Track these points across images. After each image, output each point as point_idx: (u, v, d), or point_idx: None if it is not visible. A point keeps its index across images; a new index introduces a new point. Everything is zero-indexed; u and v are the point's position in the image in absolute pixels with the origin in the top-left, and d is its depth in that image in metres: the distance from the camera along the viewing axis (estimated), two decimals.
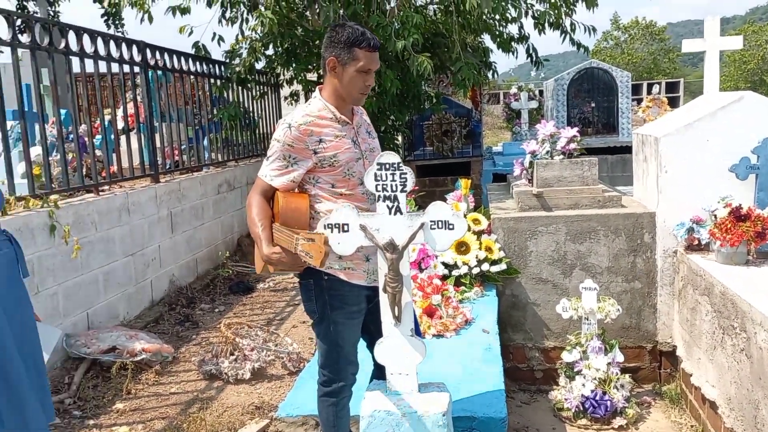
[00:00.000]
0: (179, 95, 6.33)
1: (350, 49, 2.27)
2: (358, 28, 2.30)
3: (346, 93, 2.34)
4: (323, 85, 2.39)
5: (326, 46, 2.33)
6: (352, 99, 2.36)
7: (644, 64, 34.08)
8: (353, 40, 2.27)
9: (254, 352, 3.85)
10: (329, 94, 2.36)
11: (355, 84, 2.31)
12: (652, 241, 4.28)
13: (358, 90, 2.33)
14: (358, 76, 2.30)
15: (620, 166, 9.29)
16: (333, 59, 2.30)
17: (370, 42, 2.28)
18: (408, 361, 2.21)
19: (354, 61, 2.28)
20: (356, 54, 2.27)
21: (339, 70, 2.31)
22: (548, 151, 4.63)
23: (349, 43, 2.27)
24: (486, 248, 4.35)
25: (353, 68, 2.28)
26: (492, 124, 18.79)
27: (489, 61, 6.80)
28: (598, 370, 3.91)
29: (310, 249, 2.11)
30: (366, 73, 2.31)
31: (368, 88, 2.36)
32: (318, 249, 2.08)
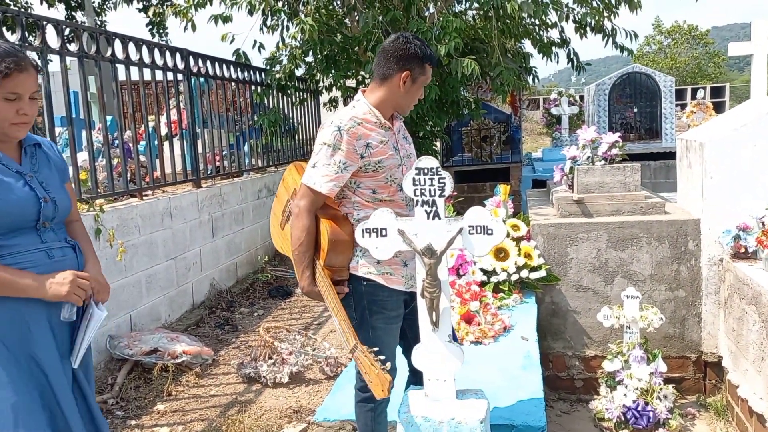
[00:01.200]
0: (221, 102, 6.45)
1: (423, 64, 2.31)
2: (423, 42, 2.35)
3: (405, 104, 2.38)
4: (369, 89, 2.39)
5: (399, 58, 2.30)
6: (403, 110, 2.42)
7: (688, 69, 33.31)
8: (425, 56, 2.31)
9: (292, 356, 3.88)
10: (378, 100, 2.34)
11: (412, 96, 2.37)
12: (696, 249, 4.17)
13: (413, 103, 2.41)
14: (420, 91, 2.37)
15: (664, 172, 9.10)
16: (408, 73, 2.31)
17: (433, 59, 2.35)
18: (446, 368, 2.19)
19: (423, 76, 2.34)
20: (426, 69, 2.33)
21: (408, 84, 2.32)
22: (589, 157, 4.56)
23: (422, 57, 2.31)
24: (525, 255, 4.30)
25: (420, 83, 2.34)
26: (531, 129, 18.60)
27: (529, 66, 6.74)
28: (640, 380, 3.82)
29: (369, 371, 2.07)
30: (422, 88, 2.39)
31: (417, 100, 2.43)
32: (382, 381, 2.03)
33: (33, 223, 1.97)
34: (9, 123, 1.92)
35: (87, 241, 2.21)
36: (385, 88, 2.35)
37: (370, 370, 2.06)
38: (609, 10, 6.13)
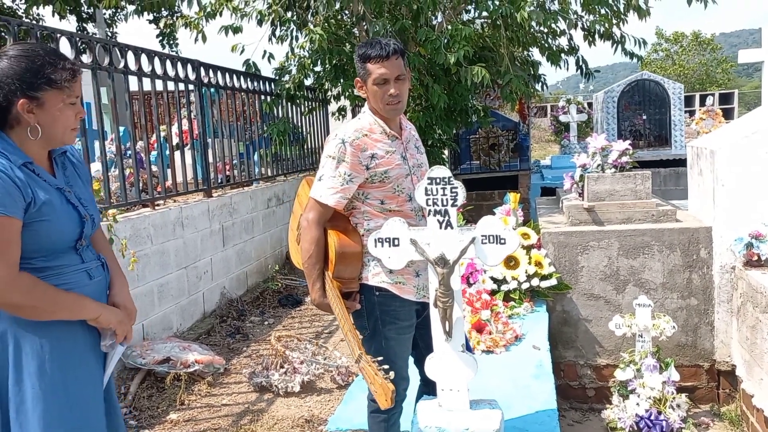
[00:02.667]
0: (231, 111, 6.49)
1: (363, 65, 2.30)
2: (370, 41, 2.32)
3: (376, 107, 2.34)
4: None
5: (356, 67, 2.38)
6: (384, 112, 2.33)
7: (696, 76, 33.22)
8: (363, 56, 2.29)
9: (304, 365, 3.88)
10: (373, 109, 2.38)
11: (377, 97, 2.30)
12: (708, 257, 4.15)
13: (383, 102, 2.30)
14: (378, 89, 2.29)
15: (673, 180, 9.06)
16: (357, 80, 2.36)
17: (378, 52, 2.26)
18: (459, 377, 2.19)
19: (369, 76, 2.29)
20: (368, 68, 2.28)
21: (364, 88, 2.34)
22: (599, 165, 4.55)
23: (361, 59, 2.30)
24: (536, 263, 4.30)
25: (370, 82, 2.29)
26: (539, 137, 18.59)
27: (538, 74, 6.75)
28: (652, 389, 3.80)
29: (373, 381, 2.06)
30: (384, 84, 2.28)
31: (394, 97, 2.30)
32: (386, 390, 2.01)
33: (73, 243, 1.87)
34: (70, 129, 1.83)
35: (113, 257, 2.09)
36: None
37: (374, 379, 2.06)
38: (618, 18, 6.14)
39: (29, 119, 1.75)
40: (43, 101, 1.75)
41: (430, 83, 5.80)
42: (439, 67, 5.87)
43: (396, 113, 2.37)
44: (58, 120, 1.79)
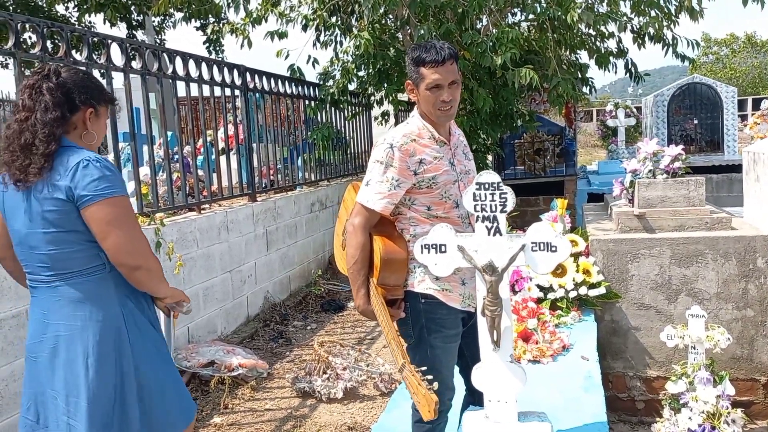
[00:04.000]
0: (275, 116, 6.55)
1: (417, 69, 2.26)
2: (424, 45, 2.27)
3: (427, 112, 2.31)
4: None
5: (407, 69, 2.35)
6: (435, 117, 2.30)
7: (748, 79, 32.14)
8: (417, 60, 2.25)
9: (346, 371, 3.86)
10: (422, 114, 2.34)
11: (429, 102, 2.27)
12: (765, 266, 3.99)
13: (435, 107, 2.27)
14: (431, 94, 2.25)
15: (726, 186, 8.76)
16: (409, 83, 2.32)
17: (433, 57, 2.23)
18: (507, 389, 2.14)
19: (422, 80, 2.25)
20: (422, 73, 2.25)
21: (415, 92, 2.30)
22: (650, 170, 4.42)
23: (414, 63, 2.26)
24: (584, 271, 4.19)
25: (423, 87, 2.26)
26: (585, 142, 18.25)
27: (586, 77, 6.61)
28: (706, 403, 3.65)
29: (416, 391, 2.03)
30: (437, 89, 2.24)
31: (446, 104, 2.27)
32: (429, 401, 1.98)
33: None
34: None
35: None
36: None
37: (418, 390, 2.02)
38: (669, 19, 5.97)
39: (88, 126, 2.04)
40: (100, 113, 2.08)
41: (475, 87, 5.74)
42: (485, 70, 5.80)
43: (448, 119, 2.34)
44: (103, 131, 2.14)
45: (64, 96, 1.95)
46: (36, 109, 1.91)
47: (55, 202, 1.90)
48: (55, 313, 1.97)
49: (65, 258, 1.95)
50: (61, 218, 1.91)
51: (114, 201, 1.92)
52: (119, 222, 1.93)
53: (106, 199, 1.91)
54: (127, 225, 1.96)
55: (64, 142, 1.95)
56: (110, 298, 2.00)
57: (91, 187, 1.89)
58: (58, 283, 1.96)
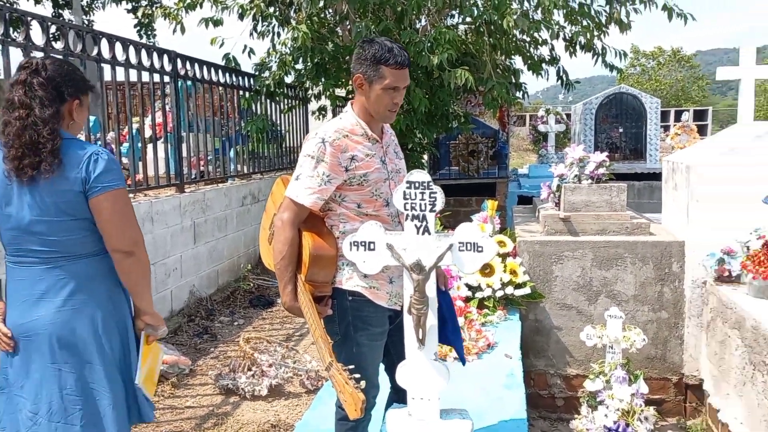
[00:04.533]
0: (207, 106, 6.38)
1: (377, 66, 2.21)
2: (386, 44, 2.23)
3: (373, 110, 2.29)
4: (354, 100, 2.35)
5: (354, 62, 2.29)
6: (380, 116, 2.30)
7: (672, 92, 33.77)
8: (380, 57, 2.20)
9: (272, 369, 3.80)
10: (359, 110, 2.31)
11: (381, 102, 2.25)
12: (680, 271, 4.18)
13: (385, 107, 2.27)
14: (385, 94, 2.24)
15: (647, 193, 9.16)
16: (360, 76, 2.25)
17: (397, 59, 2.21)
18: (431, 386, 2.15)
19: (380, 78, 2.22)
20: (382, 71, 2.21)
21: (366, 88, 2.26)
22: (576, 175, 4.56)
23: (375, 60, 2.21)
24: (511, 271, 4.28)
25: (379, 86, 2.22)
26: (518, 146, 18.71)
27: (519, 82, 6.76)
28: (621, 401, 3.80)
29: (343, 389, 2.01)
30: (393, 91, 2.24)
31: (397, 105, 2.29)
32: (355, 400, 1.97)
33: None
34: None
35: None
36: (357, 96, 2.31)
37: (344, 388, 2.00)
38: (599, 30, 6.18)
39: (74, 116, 2.12)
40: (84, 103, 2.16)
41: (412, 86, 5.76)
42: (422, 70, 5.83)
43: (390, 120, 2.35)
44: (85, 119, 2.21)
45: (55, 90, 2.05)
46: (33, 106, 2.01)
47: (70, 194, 2.04)
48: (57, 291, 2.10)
49: (74, 243, 2.09)
50: (75, 207, 2.06)
51: (120, 192, 2.11)
52: (123, 211, 2.12)
53: (113, 191, 2.08)
54: (128, 215, 2.16)
55: (62, 134, 2.06)
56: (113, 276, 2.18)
57: (101, 179, 2.06)
58: (63, 263, 2.10)
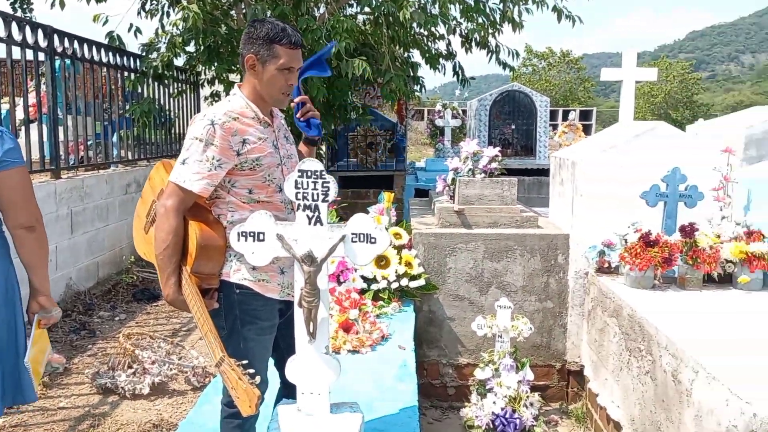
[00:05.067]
0: (88, 87, 5.95)
1: (270, 45, 2.12)
2: (278, 23, 2.15)
3: (266, 93, 2.19)
4: (243, 83, 2.24)
5: (244, 43, 2.18)
6: (274, 99, 2.22)
7: (560, 92, 35.59)
8: (273, 37, 2.12)
9: (155, 366, 3.60)
10: (249, 92, 2.21)
11: (275, 83, 2.16)
12: (565, 262, 4.37)
13: (280, 89, 2.18)
14: (279, 75, 2.15)
15: (536, 188, 9.56)
16: (252, 56, 2.15)
17: (291, 38, 2.14)
18: (321, 380, 2.09)
19: (274, 58, 2.13)
20: (276, 51, 2.13)
21: (258, 69, 2.16)
22: (470, 169, 4.65)
23: (268, 39, 2.12)
24: (406, 263, 4.30)
25: (273, 66, 2.14)
26: (416, 140, 18.99)
27: (417, 76, 6.82)
28: (509, 388, 3.92)
29: (236, 386, 1.91)
30: (288, 72, 2.16)
31: (291, 88, 2.21)
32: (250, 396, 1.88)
33: None
34: None
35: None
36: (246, 78, 2.21)
37: (238, 384, 1.90)
38: (493, 27, 6.33)
39: None
40: None
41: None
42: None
43: (284, 104, 2.26)
44: None
45: None
46: None
47: None
48: None
49: None
50: None
51: (23, 169, 2.18)
52: (27, 187, 2.20)
53: (19, 167, 2.17)
54: (31, 191, 2.23)
55: None
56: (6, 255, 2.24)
57: (9, 155, 2.13)
58: None
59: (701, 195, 3.94)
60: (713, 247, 3.61)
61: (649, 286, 3.66)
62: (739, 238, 3.61)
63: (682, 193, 3.98)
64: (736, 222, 3.69)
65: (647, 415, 3.08)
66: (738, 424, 2.21)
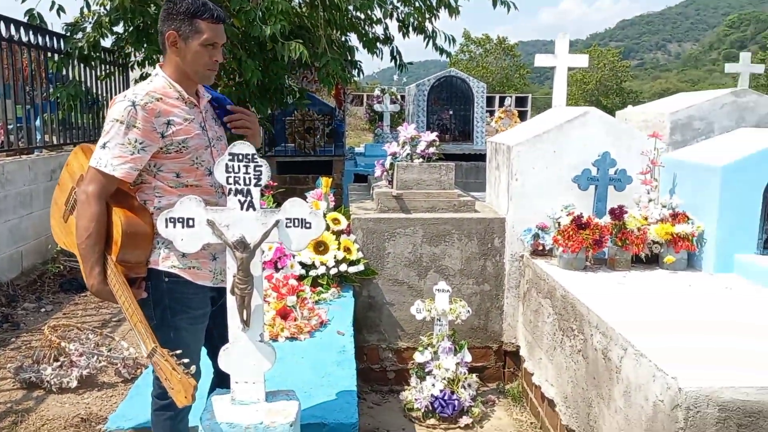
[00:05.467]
0: (7, 68, 5.62)
1: (191, 21, 2.05)
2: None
3: (191, 70, 2.11)
4: (164, 62, 2.15)
5: (164, 20, 2.09)
6: (199, 76, 2.14)
7: (497, 79, 36.13)
8: (194, 11, 2.05)
9: (83, 358, 3.46)
10: (172, 71, 2.12)
11: (200, 59, 2.09)
12: (501, 246, 4.44)
13: (205, 66, 2.11)
14: (203, 51, 2.08)
15: (474, 173, 9.67)
16: (173, 33, 2.07)
17: (213, 13, 2.08)
18: (256, 369, 2.05)
19: (197, 34, 2.06)
20: (199, 26, 2.06)
21: (181, 45, 2.08)
22: (408, 154, 4.65)
23: (189, 14, 2.05)
24: (345, 248, 4.28)
25: (197, 42, 2.07)
26: (355, 125, 18.92)
27: (354, 60, 6.75)
28: (447, 370, 3.98)
29: (170, 377, 1.84)
30: (212, 47, 2.10)
31: (216, 64, 2.14)
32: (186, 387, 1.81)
33: None
34: None
35: None
36: (168, 57, 2.13)
37: (172, 375, 1.84)
38: (430, 12, 6.33)
39: None
40: None
41: (243, 58, 5.51)
42: (254, 40, 5.60)
43: (210, 80, 2.19)
44: None
45: None
46: None
47: None
48: None
49: None
50: None
51: None
52: None
53: None
54: None
55: None
56: None
57: None
58: None
59: (630, 179, 4.08)
60: (641, 229, 3.74)
61: (581, 268, 3.76)
62: (665, 220, 3.75)
63: (612, 177, 4.10)
64: (663, 204, 3.83)
65: (579, 392, 3.17)
66: (664, 398, 2.29)
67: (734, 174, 3.46)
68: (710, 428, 2.18)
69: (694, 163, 3.78)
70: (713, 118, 5.13)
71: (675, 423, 2.22)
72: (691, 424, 2.18)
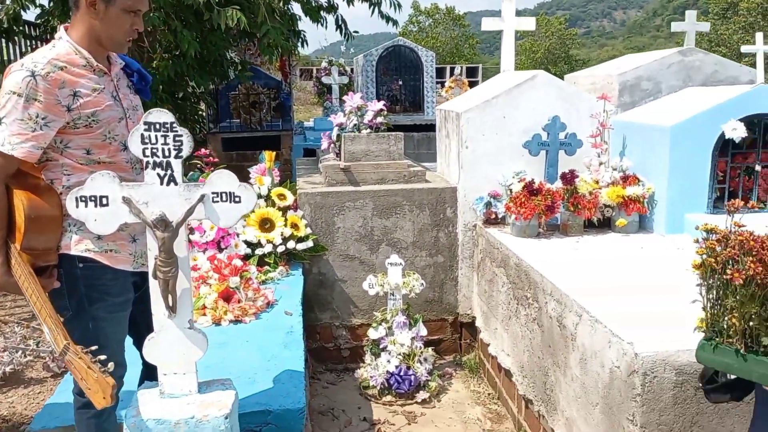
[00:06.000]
0: None
1: None
2: None
3: (107, 36, 1.90)
4: (72, 24, 1.92)
5: None
6: (115, 44, 1.93)
7: (447, 49, 35.97)
8: None
9: (7, 353, 3.21)
10: (82, 36, 1.89)
11: (120, 26, 1.89)
12: (453, 216, 4.33)
13: (125, 34, 1.92)
14: (125, 17, 1.89)
15: (426, 144, 9.54)
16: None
17: None
18: (185, 359, 1.88)
19: None
20: None
21: (100, 8, 1.87)
22: (356, 125, 4.48)
23: None
24: (292, 225, 4.10)
25: (119, 7, 1.87)
26: (305, 99, 18.55)
27: (298, 30, 6.49)
28: (402, 346, 3.88)
29: (86, 376, 1.66)
30: (134, 15, 1.91)
31: (135, 33, 1.95)
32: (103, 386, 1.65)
33: None
34: None
35: None
36: (78, 19, 1.91)
37: (88, 374, 1.66)
38: None
39: None
40: None
41: (179, 28, 5.20)
42: (189, 10, 5.29)
43: (124, 50, 1.99)
44: None
45: None
46: None
47: None
48: None
49: None
50: None
51: None
52: None
53: None
54: None
55: None
56: None
57: None
58: None
59: (580, 142, 4.00)
60: (592, 193, 3.67)
61: (534, 235, 3.68)
62: (616, 183, 3.70)
63: (562, 141, 4.02)
64: (613, 167, 3.77)
65: (535, 361, 3.10)
66: (621, 364, 2.22)
67: (683, 134, 3.41)
68: (667, 393, 2.12)
69: (643, 124, 3.72)
70: (661, 78, 5.10)
71: (632, 389, 2.15)
72: (648, 390, 2.12)
